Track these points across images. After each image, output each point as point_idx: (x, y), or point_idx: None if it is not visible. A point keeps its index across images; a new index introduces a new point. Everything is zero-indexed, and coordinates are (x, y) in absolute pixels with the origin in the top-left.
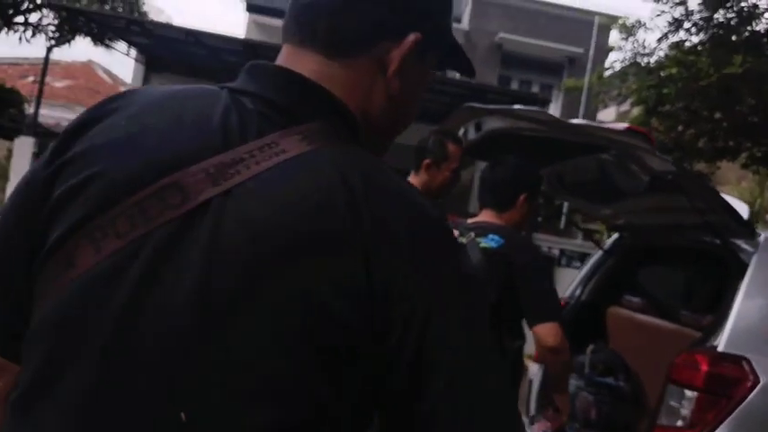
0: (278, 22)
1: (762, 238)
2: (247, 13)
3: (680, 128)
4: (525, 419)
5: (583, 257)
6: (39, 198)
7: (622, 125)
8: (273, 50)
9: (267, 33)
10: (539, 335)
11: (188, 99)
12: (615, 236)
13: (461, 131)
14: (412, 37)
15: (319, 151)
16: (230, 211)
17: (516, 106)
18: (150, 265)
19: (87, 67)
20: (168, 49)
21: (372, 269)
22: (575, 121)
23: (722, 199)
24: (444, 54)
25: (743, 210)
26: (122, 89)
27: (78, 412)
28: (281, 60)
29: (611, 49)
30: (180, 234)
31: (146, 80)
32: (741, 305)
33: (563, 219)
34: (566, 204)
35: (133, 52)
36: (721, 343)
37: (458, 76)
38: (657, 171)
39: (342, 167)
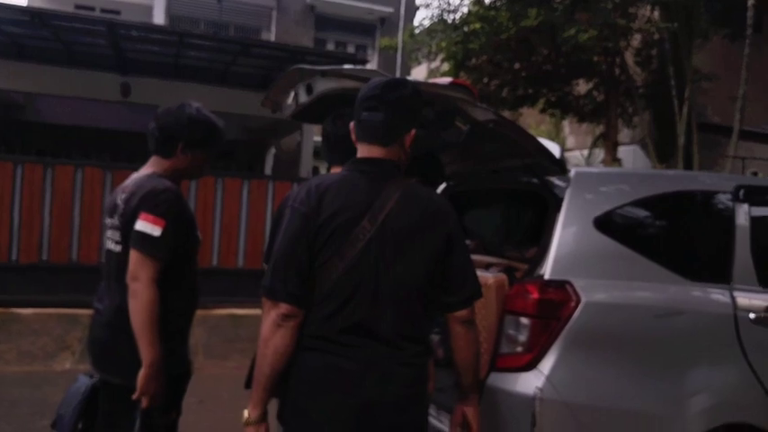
0: None
1: (572, 173)
2: None
3: (485, 80)
4: None
5: None
6: (313, 232)
7: (447, 79)
8: (60, 18)
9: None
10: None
11: (348, 180)
12: (442, 186)
13: (291, 95)
14: (413, 131)
15: (412, 185)
16: (391, 218)
17: (346, 66)
18: (378, 246)
19: None
20: None
21: (452, 231)
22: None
23: (538, 142)
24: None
25: (555, 150)
26: None
27: (370, 297)
28: (365, 152)
29: (419, 7)
30: (379, 232)
31: None
32: (560, 235)
33: None
34: None
35: None
36: (547, 271)
37: (273, 39)
38: (480, 121)
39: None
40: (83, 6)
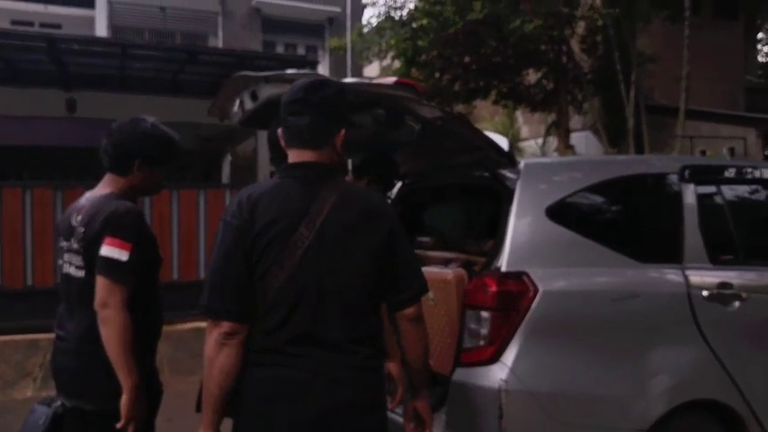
0: None
1: (522, 164)
2: None
3: (437, 75)
4: None
5: None
6: (249, 243)
7: (392, 79)
8: None
9: None
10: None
11: (281, 187)
12: (399, 184)
13: (237, 102)
14: (342, 132)
15: (348, 186)
16: (329, 221)
17: (289, 71)
18: (318, 251)
19: None
20: None
21: (393, 228)
22: (347, 80)
23: (486, 136)
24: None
25: (503, 143)
26: None
27: (315, 303)
28: (297, 157)
29: (366, 5)
30: (318, 237)
31: None
32: (514, 227)
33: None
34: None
35: None
36: (503, 263)
37: (221, 44)
38: (429, 118)
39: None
40: (20, 22)
